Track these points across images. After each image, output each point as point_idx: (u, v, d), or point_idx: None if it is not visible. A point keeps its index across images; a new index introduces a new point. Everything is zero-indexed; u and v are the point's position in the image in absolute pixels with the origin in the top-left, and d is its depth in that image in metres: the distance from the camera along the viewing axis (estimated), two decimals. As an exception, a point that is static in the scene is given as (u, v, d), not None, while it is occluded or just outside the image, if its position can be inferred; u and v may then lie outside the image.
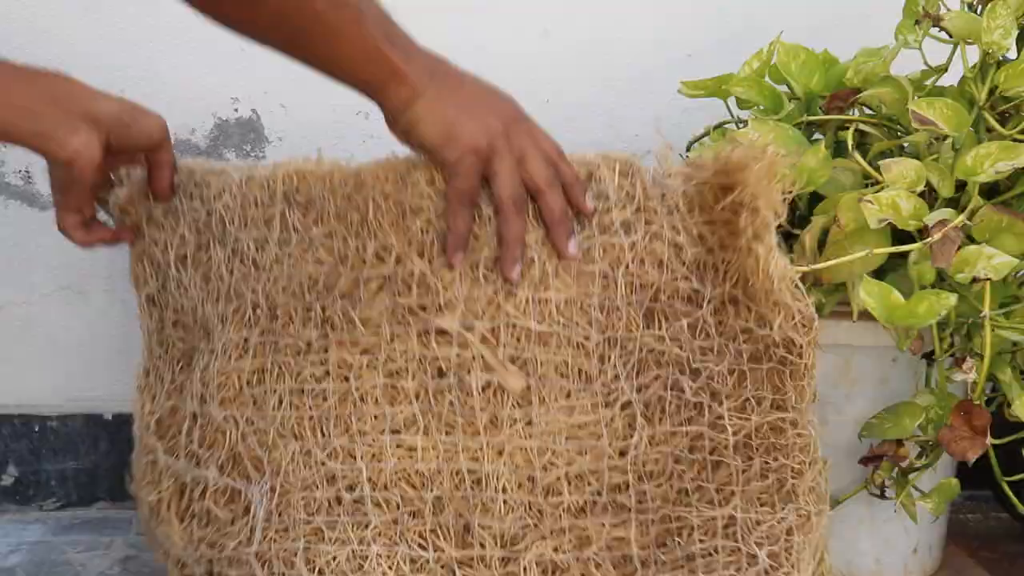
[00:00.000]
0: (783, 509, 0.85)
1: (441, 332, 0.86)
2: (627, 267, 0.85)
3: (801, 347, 0.84)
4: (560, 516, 0.86)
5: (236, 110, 1.22)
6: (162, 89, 1.20)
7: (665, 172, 0.86)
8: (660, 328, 0.86)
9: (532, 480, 0.86)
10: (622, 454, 0.86)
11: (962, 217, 0.89)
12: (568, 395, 0.86)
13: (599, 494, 0.86)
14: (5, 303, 1.23)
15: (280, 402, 0.90)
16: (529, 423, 0.86)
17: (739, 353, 0.86)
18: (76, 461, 1.25)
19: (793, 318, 0.84)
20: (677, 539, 0.86)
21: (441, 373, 0.87)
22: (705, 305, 0.86)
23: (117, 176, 0.95)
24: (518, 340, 0.85)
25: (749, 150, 0.81)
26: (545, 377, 0.85)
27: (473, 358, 0.86)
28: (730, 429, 0.86)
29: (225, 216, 0.93)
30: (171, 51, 1.19)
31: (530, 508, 0.87)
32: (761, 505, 0.86)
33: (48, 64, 1.17)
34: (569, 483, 0.86)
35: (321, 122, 1.23)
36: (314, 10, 0.78)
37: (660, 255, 0.85)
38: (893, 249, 0.90)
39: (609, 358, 0.86)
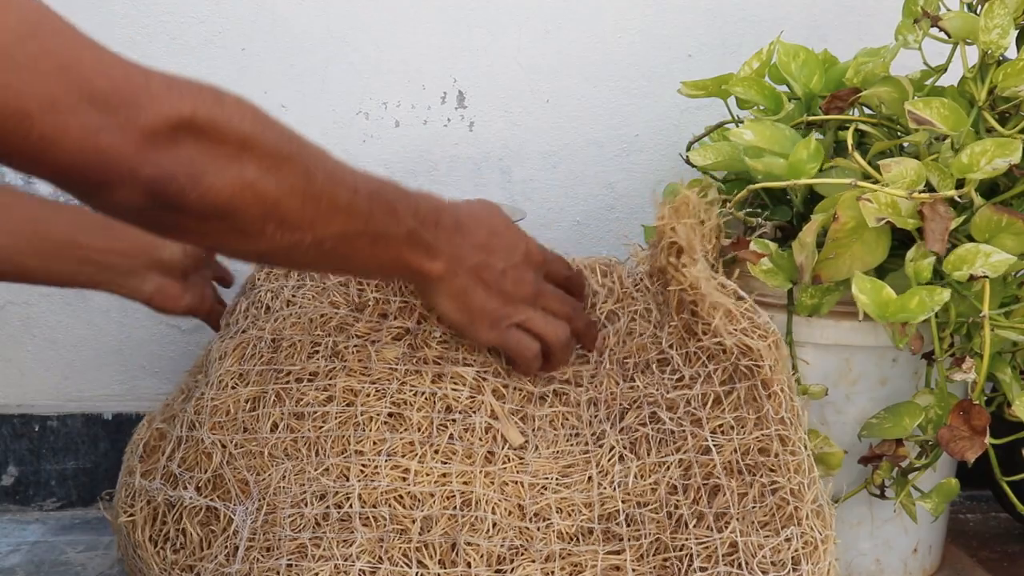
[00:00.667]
0: (786, 530, 0.85)
1: (456, 375, 0.92)
2: (611, 349, 0.97)
3: (760, 351, 0.88)
4: (551, 540, 0.88)
5: (236, 110, 1.21)
6: (162, 89, 1.20)
7: (637, 263, 0.99)
8: (636, 381, 0.94)
9: (521, 508, 0.89)
10: (612, 486, 0.90)
11: (958, 187, 0.89)
12: (558, 442, 0.92)
13: (591, 523, 0.89)
14: (5, 303, 1.23)
15: (276, 426, 0.93)
16: (523, 461, 0.91)
17: (709, 377, 0.90)
18: (76, 461, 1.25)
19: (738, 320, 0.89)
20: (677, 566, 0.86)
21: (449, 411, 0.91)
22: (666, 346, 0.94)
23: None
24: (522, 398, 0.93)
25: (671, 200, 0.94)
26: (539, 429, 0.92)
27: (483, 404, 0.91)
28: (715, 452, 0.87)
29: (258, 276, 1.02)
30: (170, 51, 1.19)
31: (520, 532, 0.88)
32: (762, 527, 0.85)
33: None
34: (559, 512, 0.89)
35: (321, 122, 1.23)
36: (362, 254, 0.82)
37: (635, 329, 0.97)
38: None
39: (596, 415, 0.94)
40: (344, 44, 1.22)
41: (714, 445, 0.88)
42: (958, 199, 0.91)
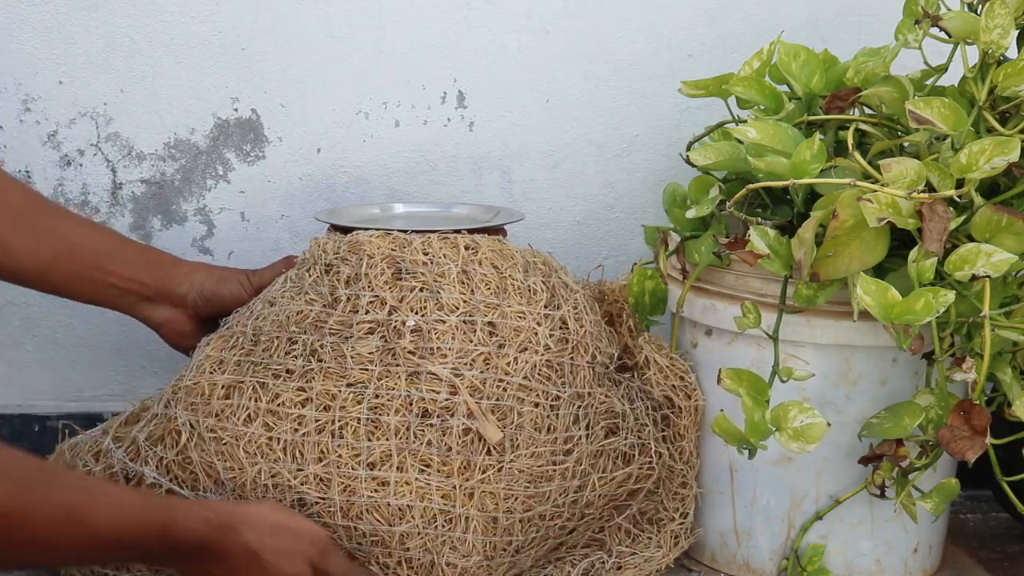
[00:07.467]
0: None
1: (432, 375, 0.93)
2: (582, 337, 1.00)
3: (680, 409, 1.04)
4: (505, 553, 0.94)
5: (236, 110, 1.22)
6: (162, 88, 1.20)
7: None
8: (604, 386, 1.01)
9: (495, 521, 0.93)
10: (572, 501, 0.98)
11: (957, 187, 0.89)
12: (535, 445, 0.94)
13: (543, 534, 0.97)
14: (5, 303, 1.22)
15: (251, 419, 0.94)
16: (499, 469, 0.93)
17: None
18: (76, 461, 1.25)
19: (668, 377, 1.04)
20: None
21: (426, 414, 0.92)
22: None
23: None
24: (503, 391, 0.93)
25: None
26: (521, 428, 0.93)
27: (458, 404, 0.92)
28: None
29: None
30: (171, 50, 1.19)
31: (489, 547, 0.93)
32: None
33: (48, 62, 1.17)
34: (522, 526, 0.95)
35: (321, 122, 1.23)
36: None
37: (598, 336, 1.02)
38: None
39: (576, 417, 0.97)
40: (344, 44, 1.22)
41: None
42: (958, 199, 0.91)
